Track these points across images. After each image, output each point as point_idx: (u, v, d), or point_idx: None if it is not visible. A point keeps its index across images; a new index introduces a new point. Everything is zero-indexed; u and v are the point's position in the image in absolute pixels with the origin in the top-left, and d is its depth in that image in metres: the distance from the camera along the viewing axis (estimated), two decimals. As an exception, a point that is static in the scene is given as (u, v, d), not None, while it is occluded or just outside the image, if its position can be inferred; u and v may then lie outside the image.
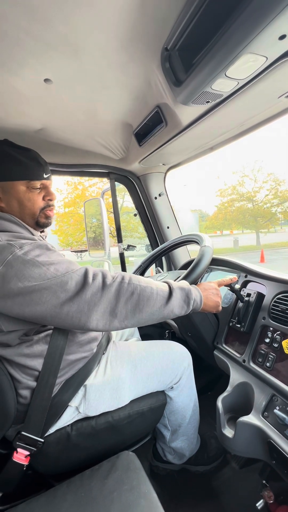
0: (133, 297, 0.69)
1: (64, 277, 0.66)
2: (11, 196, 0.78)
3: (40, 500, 0.68)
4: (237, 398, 0.87)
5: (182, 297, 0.76)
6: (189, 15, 0.57)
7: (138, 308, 0.69)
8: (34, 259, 0.67)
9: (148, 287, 0.71)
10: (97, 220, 1.78)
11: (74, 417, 0.81)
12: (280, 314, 0.84)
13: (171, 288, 0.75)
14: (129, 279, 0.71)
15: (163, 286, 0.75)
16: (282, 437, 0.68)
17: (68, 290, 0.65)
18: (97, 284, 0.68)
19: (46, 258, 0.69)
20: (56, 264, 0.68)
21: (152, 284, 0.73)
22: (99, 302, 0.66)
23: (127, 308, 0.68)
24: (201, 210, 33.71)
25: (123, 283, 0.69)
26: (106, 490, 0.68)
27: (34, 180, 0.79)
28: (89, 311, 0.66)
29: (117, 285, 0.69)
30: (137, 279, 0.72)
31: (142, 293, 0.70)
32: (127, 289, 0.69)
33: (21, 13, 0.55)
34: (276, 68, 0.64)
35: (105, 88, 0.83)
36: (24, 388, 0.75)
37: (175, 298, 0.74)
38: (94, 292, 0.66)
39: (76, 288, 0.66)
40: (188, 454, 1.07)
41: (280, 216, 19.09)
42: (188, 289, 0.78)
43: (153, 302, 0.71)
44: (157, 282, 0.76)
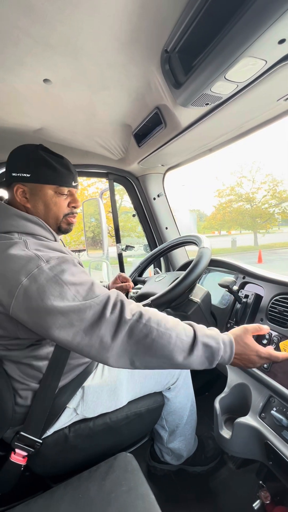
0: (146, 340, 0.61)
1: (83, 306, 0.62)
2: (39, 198, 0.79)
3: (38, 502, 0.68)
4: (235, 399, 0.88)
5: (205, 354, 0.63)
6: (189, 18, 0.58)
7: (149, 353, 0.62)
8: (58, 276, 0.64)
9: (166, 334, 0.62)
10: (95, 220, 1.78)
11: (72, 419, 0.81)
12: (277, 316, 0.85)
13: (196, 340, 0.63)
14: (147, 319, 0.62)
15: (186, 336, 0.63)
16: (279, 438, 0.68)
17: (84, 320, 0.61)
18: (113, 318, 0.62)
19: (70, 276, 0.66)
20: (78, 285, 0.65)
21: (173, 331, 0.63)
22: (113, 339, 0.61)
23: (138, 349, 0.62)
24: (199, 210, 33.79)
25: (139, 322, 0.62)
26: (104, 491, 0.68)
27: (63, 186, 0.81)
28: (100, 347, 0.61)
29: (132, 323, 0.62)
30: (157, 320, 0.63)
31: (158, 339, 0.61)
32: (141, 330, 0.61)
33: (21, 13, 0.55)
34: (275, 72, 0.65)
35: (104, 88, 0.83)
36: (26, 390, 0.75)
37: (196, 355, 0.63)
38: (109, 327, 0.61)
39: (92, 319, 0.61)
40: (185, 455, 1.07)
41: (278, 217, 19.18)
42: (217, 347, 0.64)
43: (168, 353, 0.62)
44: (182, 328, 0.65)
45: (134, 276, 1.35)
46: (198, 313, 1.07)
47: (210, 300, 1.12)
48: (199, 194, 52.17)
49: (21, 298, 0.61)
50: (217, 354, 0.64)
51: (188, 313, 1.05)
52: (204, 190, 53.20)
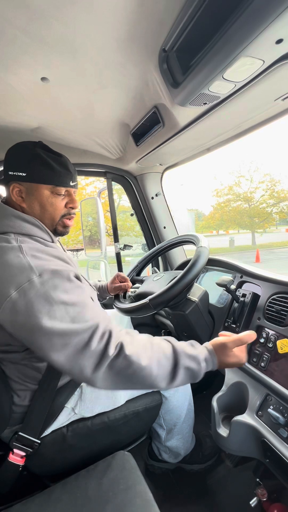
0: (127, 372, 0.61)
1: (69, 329, 0.60)
2: (34, 198, 0.77)
3: (36, 501, 0.68)
4: (232, 397, 0.88)
5: (187, 376, 0.66)
6: (187, 17, 0.57)
7: (130, 383, 0.63)
8: (49, 293, 0.62)
9: (147, 367, 0.62)
10: (93, 219, 1.78)
11: (70, 418, 0.81)
12: (274, 315, 0.85)
13: (177, 366, 0.65)
14: (129, 351, 0.62)
15: (167, 362, 0.65)
16: (275, 436, 0.69)
17: (67, 346, 0.59)
18: (98, 350, 0.61)
19: (61, 294, 0.63)
20: (68, 305, 0.63)
21: (154, 360, 0.63)
22: (93, 372, 0.60)
23: (119, 380, 0.62)
24: (197, 210, 33.83)
25: (120, 355, 0.61)
26: (102, 490, 0.68)
27: (60, 186, 0.78)
28: (80, 376, 0.61)
29: (114, 357, 0.61)
30: (137, 353, 0.62)
31: (139, 371, 0.62)
32: (122, 363, 0.61)
33: (18, 11, 0.55)
34: (272, 72, 0.65)
35: (102, 87, 0.83)
36: (24, 390, 0.75)
37: (178, 380, 0.65)
38: (92, 359, 0.60)
39: (77, 347, 0.60)
40: (183, 453, 1.08)
41: (276, 217, 19.26)
42: (198, 368, 0.66)
43: (150, 382, 0.63)
44: (163, 354, 0.65)
45: (132, 275, 1.35)
46: (196, 312, 1.07)
47: (208, 299, 1.13)
48: (197, 193, 52.24)
49: (8, 311, 0.60)
50: (198, 374, 0.67)
51: (186, 312, 1.06)
52: (202, 189, 53.29)
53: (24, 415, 0.76)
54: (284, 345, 0.79)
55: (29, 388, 0.75)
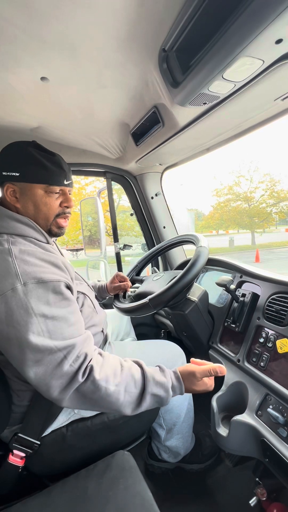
0: (93, 397, 0.63)
1: (44, 348, 0.59)
2: (28, 198, 0.76)
3: (35, 500, 0.68)
4: (232, 397, 0.88)
5: (153, 402, 0.67)
6: (187, 17, 0.57)
7: (97, 406, 0.65)
8: (30, 304, 0.61)
9: (115, 392, 0.63)
10: (93, 218, 1.78)
11: (69, 418, 0.81)
12: (274, 315, 0.86)
13: (145, 393, 0.66)
14: (98, 377, 0.62)
15: (135, 389, 0.66)
16: (275, 436, 0.69)
17: (38, 363, 0.59)
18: (70, 372, 0.61)
19: (43, 306, 0.63)
20: (49, 319, 0.62)
21: (122, 386, 0.64)
22: (60, 394, 0.61)
23: (84, 403, 0.64)
24: (197, 210, 33.83)
25: (88, 379, 0.62)
26: (101, 489, 0.68)
27: (53, 185, 0.77)
28: (46, 393, 0.61)
29: (83, 381, 0.62)
30: (105, 380, 0.63)
31: (105, 397, 0.63)
32: (88, 387, 0.62)
33: (18, 10, 0.55)
34: (272, 72, 0.65)
35: (102, 87, 0.82)
36: (24, 391, 0.75)
37: (144, 406, 0.66)
38: (60, 381, 0.61)
39: (47, 367, 0.60)
40: (182, 453, 1.08)
41: (276, 216, 19.27)
42: (165, 396, 0.67)
43: (116, 407, 0.65)
44: (132, 380, 0.66)
45: (132, 275, 1.35)
46: (196, 312, 1.08)
47: (207, 299, 1.13)
48: (197, 193, 52.24)
49: None
50: (165, 401, 0.68)
51: (186, 312, 1.06)
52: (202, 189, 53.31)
53: (24, 415, 0.76)
54: (284, 344, 0.79)
55: (28, 388, 0.75)
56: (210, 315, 1.13)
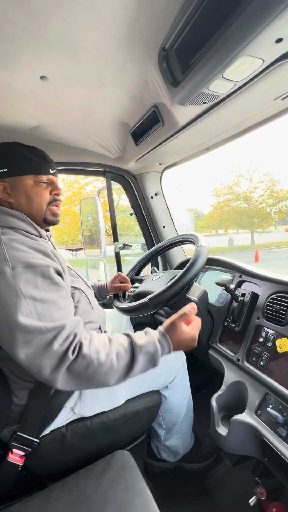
0: (87, 372, 0.63)
1: (33, 329, 0.60)
2: (19, 191, 0.80)
3: (35, 500, 0.68)
4: (231, 396, 0.88)
5: (147, 360, 0.69)
6: (187, 16, 0.57)
7: (93, 383, 0.65)
8: (19, 286, 0.63)
9: (107, 364, 0.64)
10: (92, 218, 1.78)
11: (69, 418, 0.81)
12: (274, 314, 0.86)
13: (135, 352, 0.68)
14: (87, 351, 0.64)
15: (125, 352, 0.67)
16: (274, 435, 0.69)
17: (28, 344, 0.60)
18: (59, 351, 0.61)
19: (32, 289, 0.64)
20: (37, 301, 0.63)
21: (113, 353, 0.66)
22: (51, 374, 0.61)
23: (80, 381, 0.64)
24: (196, 209, 33.83)
25: (79, 355, 0.63)
26: (101, 489, 0.68)
27: (41, 175, 0.81)
28: (38, 375, 0.62)
29: (74, 358, 0.63)
30: (96, 352, 0.64)
31: (99, 369, 0.63)
32: (81, 363, 0.63)
33: (18, 10, 0.54)
34: (272, 71, 0.65)
35: (102, 86, 0.82)
36: (22, 389, 0.75)
37: (138, 366, 0.67)
38: (51, 361, 0.61)
39: (37, 347, 0.60)
40: (182, 452, 1.08)
41: (275, 216, 19.29)
42: (155, 349, 0.69)
43: (112, 375, 0.65)
44: (121, 345, 0.68)
45: (131, 274, 1.35)
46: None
47: (207, 299, 1.13)
48: (196, 193, 52.27)
49: None
50: (156, 355, 0.69)
51: (185, 311, 1.06)
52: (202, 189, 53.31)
53: (22, 414, 0.76)
54: (283, 344, 0.79)
55: (26, 387, 0.75)
56: (210, 314, 1.13)
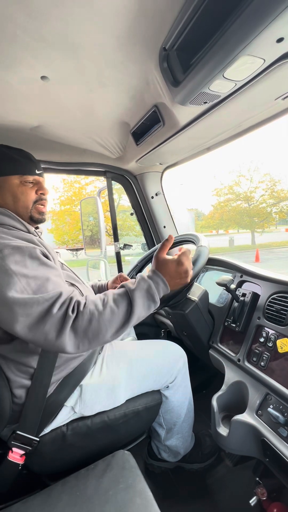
0: (91, 325, 0.64)
1: (30, 300, 0.62)
2: (5, 190, 0.83)
3: (36, 500, 0.68)
4: (232, 396, 0.88)
5: (144, 296, 0.70)
6: (187, 16, 0.57)
7: (101, 333, 0.65)
8: (8, 266, 0.64)
9: (107, 311, 0.66)
10: (93, 218, 1.78)
11: (69, 417, 0.81)
12: (274, 314, 0.86)
13: (130, 294, 0.70)
14: (86, 306, 0.66)
15: (121, 296, 0.70)
16: (275, 435, 0.69)
17: (29, 315, 0.61)
18: (59, 315, 0.63)
19: (21, 267, 0.66)
20: (30, 277, 0.65)
21: (110, 302, 0.68)
22: (57, 336, 0.62)
23: (87, 338, 0.64)
24: (197, 209, 33.82)
25: (80, 312, 0.65)
26: (102, 489, 0.68)
27: (27, 175, 0.84)
28: (45, 343, 0.63)
29: (75, 316, 0.64)
30: (94, 305, 0.67)
31: (102, 318, 0.65)
32: (84, 319, 0.64)
33: (18, 9, 0.54)
34: (273, 70, 0.65)
35: (102, 86, 0.82)
36: (19, 387, 0.75)
37: (138, 304, 0.68)
38: (54, 324, 0.62)
39: (38, 316, 0.62)
40: (182, 452, 1.08)
41: (276, 216, 19.26)
42: (148, 284, 0.71)
43: (116, 321, 0.67)
44: (115, 294, 0.70)
45: (132, 274, 1.35)
46: (196, 311, 1.08)
47: (207, 299, 1.13)
48: (197, 193, 52.24)
49: None
50: (151, 290, 0.71)
51: (186, 311, 1.06)
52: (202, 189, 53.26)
53: (21, 413, 0.76)
54: (284, 344, 0.79)
55: (23, 385, 0.75)
56: (210, 314, 1.13)
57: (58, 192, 14.10)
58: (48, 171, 1.41)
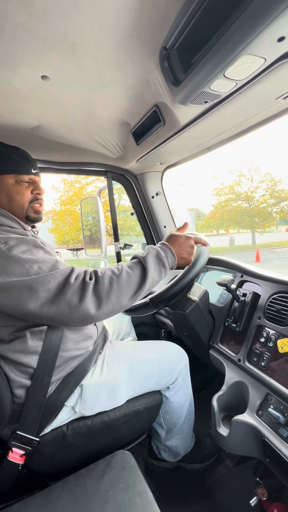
0: (112, 287, 0.69)
1: (47, 276, 0.66)
2: (1, 190, 0.82)
3: (36, 500, 0.68)
4: (232, 397, 0.88)
5: (155, 261, 0.76)
6: (188, 15, 0.57)
7: (122, 295, 0.70)
8: (18, 255, 0.67)
9: (123, 272, 0.72)
10: (93, 218, 1.78)
11: (70, 417, 0.81)
12: (275, 314, 0.85)
13: (142, 260, 0.76)
14: (103, 272, 0.71)
15: (134, 263, 0.76)
16: (276, 436, 0.69)
17: (49, 290, 0.65)
18: (78, 283, 0.67)
19: (30, 255, 0.69)
20: (40, 262, 0.68)
21: (124, 267, 0.74)
22: (81, 301, 0.66)
23: (111, 300, 0.69)
24: (197, 209, 33.80)
25: (98, 278, 0.69)
26: (102, 489, 0.68)
27: (22, 174, 0.83)
28: (70, 312, 0.66)
29: (94, 282, 0.69)
30: (110, 271, 0.72)
31: (120, 280, 0.70)
32: (104, 282, 0.69)
33: (19, 9, 0.54)
34: (274, 70, 0.65)
35: (103, 86, 0.82)
36: (19, 387, 0.75)
37: (150, 267, 0.74)
38: (75, 291, 0.66)
39: (58, 288, 0.65)
40: (182, 452, 1.08)
41: (276, 216, 19.24)
42: (157, 250, 0.79)
43: (134, 283, 0.72)
44: (129, 262, 0.77)
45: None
46: (196, 311, 1.07)
47: (208, 299, 1.13)
48: (197, 193, 52.22)
49: None
50: (161, 256, 0.78)
51: (186, 311, 1.06)
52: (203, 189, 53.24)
53: (21, 413, 0.76)
54: (285, 344, 0.79)
55: (23, 385, 0.75)
56: (211, 314, 1.13)
57: (58, 192, 14.11)
58: (49, 170, 1.41)
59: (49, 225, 14.43)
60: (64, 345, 0.78)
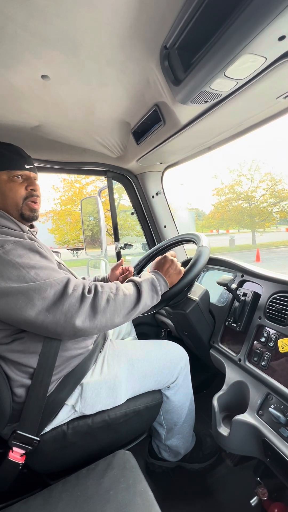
0: (109, 305, 0.70)
1: (44, 284, 0.65)
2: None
3: (36, 499, 0.68)
4: (233, 396, 0.88)
5: (149, 288, 0.80)
6: (188, 14, 0.57)
7: (116, 313, 0.71)
8: (14, 260, 0.66)
9: (120, 292, 0.74)
10: (94, 218, 1.78)
11: (70, 416, 0.81)
12: (275, 314, 0.85)
13: (138, 284, 0.79)
14: (102, 290, 0.72)
15: (130, 286, 0.79)
16: (276, 435, 0.69)
17: (46, 298, 0.64)
18: (76, 295, 0.67)
19: (27, 260, 0.67)
20: (37, 268, 0.67)
21: (121, 288, 0.76)
22: (77, 313, 0.65)
23: (105, 316, 0.70)
24: (197, 209, 33.78)
25: (97, 293, 0.70)
26: (102, 489, 0.68)
27: (15, 170, 0.81)
28: (65, 322, 0.65)
29: (93, 297, 0.69)
30: (108, 287, 0.74)
31: (116, 298, 0.72)
32: (102, 298, 0.70)
33: (19, 8, 0.54)
34: (275, 69, 0.64)
35: (103, 85, 0.82)
36: (19, 387, 0.75)
37: (145, 292, 0.78)
38: (72, 303, 0.65)
39: (54, 297, 0.65)
40: (183, 452, 1.08)
41: (276, 216, 19.22)
42: (151, 278, 0.82)
43: (128, 304, 0.74)
44: (125, 284, 0.79)
45: (133, 273, 1.35)
46: (197, 311, 1.07)
47: (208, 298, 1.13)
48: (197, 192, 52.21)
49: None
50: (155, 282, 0.81)
51: (187, 311, 1.05)
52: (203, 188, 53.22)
53: (21, 413, 0.76)
54: (285, 344, 0.79)
55: (24, 384, 0.75)
56: (211, 314, 1.13)
57: (58, 192, 14.12)
58: (49, 170, 1.41)
59: (49, 225, 14.43)
60: (64, 344, 0.78)
